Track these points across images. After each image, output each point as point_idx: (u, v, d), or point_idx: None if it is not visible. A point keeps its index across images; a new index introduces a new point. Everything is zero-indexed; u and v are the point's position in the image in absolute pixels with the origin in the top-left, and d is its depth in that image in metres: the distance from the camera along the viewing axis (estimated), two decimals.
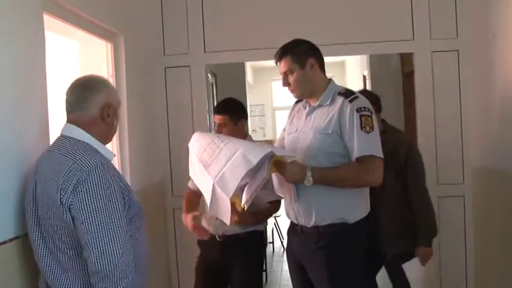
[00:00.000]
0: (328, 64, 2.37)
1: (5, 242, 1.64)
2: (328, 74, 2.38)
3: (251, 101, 8.04)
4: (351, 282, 2.17)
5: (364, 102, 2.16)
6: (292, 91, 2.29)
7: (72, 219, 1.54)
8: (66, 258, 1.60)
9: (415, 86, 3.76)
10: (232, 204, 2.49)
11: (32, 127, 1.88)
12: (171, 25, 3.73)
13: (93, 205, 1.53)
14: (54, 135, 1.86)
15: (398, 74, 5.94)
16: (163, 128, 3.76)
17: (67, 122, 1.72)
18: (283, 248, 6.05)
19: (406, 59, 5.66)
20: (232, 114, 2.74)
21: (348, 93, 2.18)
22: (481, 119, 3.42)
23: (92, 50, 2.89)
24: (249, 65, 8.48)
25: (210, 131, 4.48)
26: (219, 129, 2.75)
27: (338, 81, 2.54)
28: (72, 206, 1.53)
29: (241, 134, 2.77)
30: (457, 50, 3.59)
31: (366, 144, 2.09)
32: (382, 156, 2.13)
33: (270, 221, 5.25)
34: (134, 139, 3.11)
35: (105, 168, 1.59)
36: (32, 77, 1.93)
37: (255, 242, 2.86)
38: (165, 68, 3.76)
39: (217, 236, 2.78)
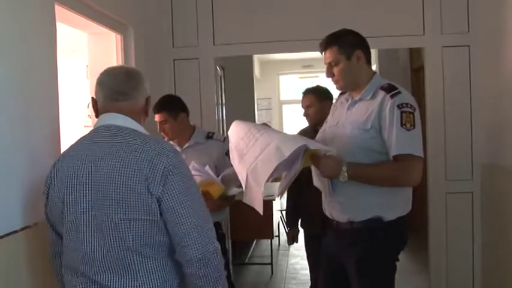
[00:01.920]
0: None
1: (15, 231, 1.66)
2: None
3: (258, 95, 8.00)
4: (380, 280, 2.10)
5: (406, 98, 2.06)
6: (336, 82, 2.22)
7: (160, 210, 1.44)
8: (137, 257, 1.45)
9: (424, 82, 3.73)
10: (207, 193, 2.50)
11: (42, 121, 1.89)
12: (181, 17, 3.73)
13: (185, 191, 1.47)
14: (64, 129, 1.86)
15: (406, 69, 5.91)
16: None
17: (109, 110, 1.57)
18: None
19: (414, 55, 5.63)
20: (169, 110, 2.77)
21: (390, 88, 2.08)
22: (491, 116, 3.40)
23: (101, 42, 2.89)
24: (256, 59, 8.45)
25: (218, 124, 4.49)
26: (161, 127, 2.79)
27: None
28: (163, 195, 1.43)
29: (186, 127, 2.86)
30: (468, 45, 3.56)
31: (405, 142, 1.98)
32: (422, 156, 2.02)
33: (277, 215, 5.25)
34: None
35: (178, 152, 1.56)
36: (43, 68, 1.94)
37: (220, 232, 2.89)
38: (174, 60, 3.76)
39: None
